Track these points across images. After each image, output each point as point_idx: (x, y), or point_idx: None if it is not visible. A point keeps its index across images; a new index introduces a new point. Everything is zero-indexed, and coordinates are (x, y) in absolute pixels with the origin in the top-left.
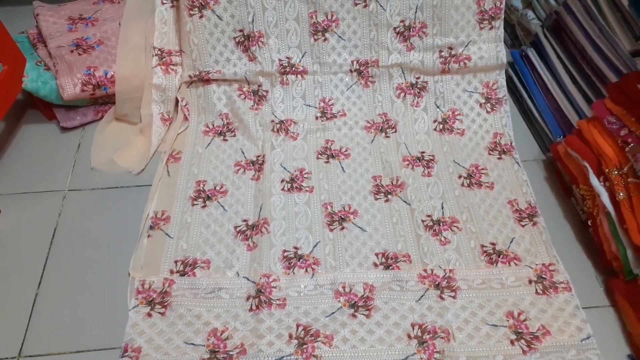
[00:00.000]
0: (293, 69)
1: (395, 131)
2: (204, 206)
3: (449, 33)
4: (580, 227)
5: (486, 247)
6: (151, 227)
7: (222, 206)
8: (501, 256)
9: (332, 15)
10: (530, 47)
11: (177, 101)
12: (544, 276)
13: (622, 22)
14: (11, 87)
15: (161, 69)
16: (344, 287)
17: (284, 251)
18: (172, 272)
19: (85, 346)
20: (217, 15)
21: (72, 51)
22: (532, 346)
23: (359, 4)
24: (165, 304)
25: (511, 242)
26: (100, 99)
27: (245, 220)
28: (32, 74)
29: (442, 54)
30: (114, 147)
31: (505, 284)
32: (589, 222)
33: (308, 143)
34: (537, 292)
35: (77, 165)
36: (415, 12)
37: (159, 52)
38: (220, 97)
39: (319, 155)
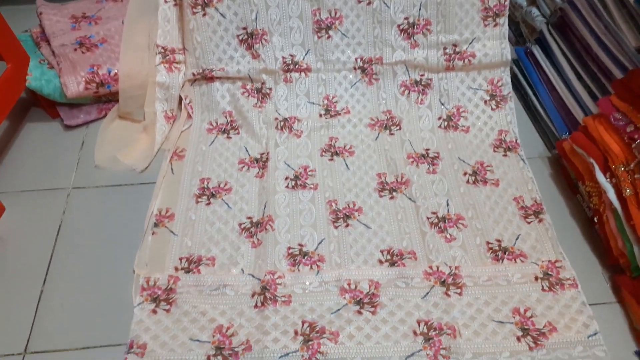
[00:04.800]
0: (297, 66)
1: (400, 128)
2: (209, 203)
3: (453, 30)
4: (586, 224)
5: (492, 244)
6: (155, 225)
7: (226, 203)
8: (507, 253)
9: (335, 13)
10: (535, 44)
11: (180, 99)
12: (550, 273)
13: (628, 18)
14: (15, 86)
15: (164, 67)
16: (349, 284)
17: (289, 248)
18: (176, 269)
19: (91, 342)
20: (221, 13)
21: (75, 49)
22: (539, 343)
23: (362, 1)
24: (171, 301)
25: (517, 239)
26: (103, 97)
27: (249, 218)
28: (36, 72)
29: (447, 51)
30: (117, 145)
31: (511, 281)
32: (595, 219)
33: (312, 140)
34: (543, 289)
35: (81, 163)
36: (419, 10)
37: (162, 50)
38: (223, 95)
39: (323, 153)
